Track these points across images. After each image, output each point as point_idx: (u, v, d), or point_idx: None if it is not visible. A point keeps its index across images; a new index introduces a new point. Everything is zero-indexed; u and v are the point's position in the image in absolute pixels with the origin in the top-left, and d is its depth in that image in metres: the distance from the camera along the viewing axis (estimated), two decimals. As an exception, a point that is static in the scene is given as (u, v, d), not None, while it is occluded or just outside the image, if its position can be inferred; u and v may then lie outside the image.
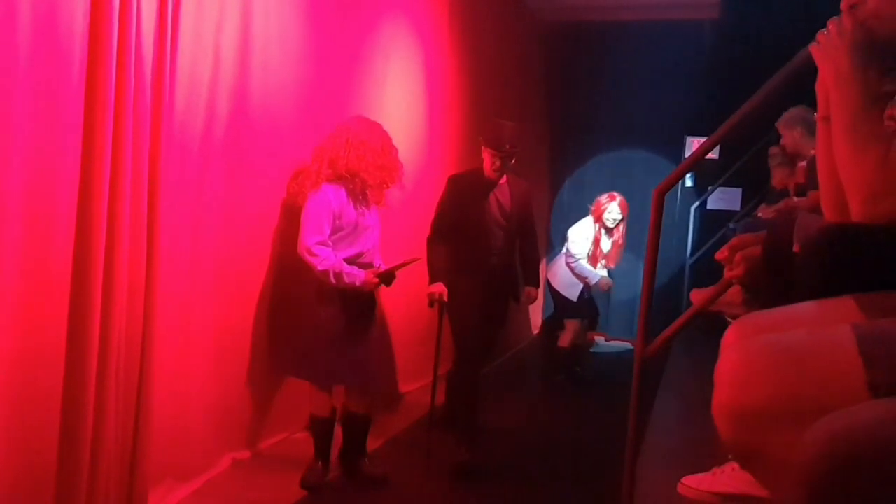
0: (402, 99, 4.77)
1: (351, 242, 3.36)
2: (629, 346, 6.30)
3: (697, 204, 7.25)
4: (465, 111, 5.74)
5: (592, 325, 5.97)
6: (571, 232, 5.72)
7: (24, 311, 2.25)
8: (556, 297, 5.74)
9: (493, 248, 3.91)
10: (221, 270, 3.26)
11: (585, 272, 5.56)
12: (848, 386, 1.01)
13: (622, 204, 5.57)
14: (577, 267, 5.57)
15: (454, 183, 3.95)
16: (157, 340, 2.71)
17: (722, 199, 7.19)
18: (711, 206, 7.24)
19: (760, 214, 4.39)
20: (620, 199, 5.58)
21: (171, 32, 2.66)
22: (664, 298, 5.00)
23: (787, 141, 4.19)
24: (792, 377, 1.05)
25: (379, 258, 3.55)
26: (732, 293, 1.97)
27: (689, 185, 7.37)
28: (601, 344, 6.80)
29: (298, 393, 3.60)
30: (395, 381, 4.22)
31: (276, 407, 3.75)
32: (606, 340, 6.87)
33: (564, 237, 5.82)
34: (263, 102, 3.42)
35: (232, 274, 3.33)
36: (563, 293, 5.65)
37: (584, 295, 5.65)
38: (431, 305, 3.83)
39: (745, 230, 2.45)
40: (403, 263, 3.46)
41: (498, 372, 5.80)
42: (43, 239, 2.30)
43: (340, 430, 3.52)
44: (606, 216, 5.56)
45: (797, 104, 4.02)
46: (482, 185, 3.87)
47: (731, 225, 5.28)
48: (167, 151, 2.68)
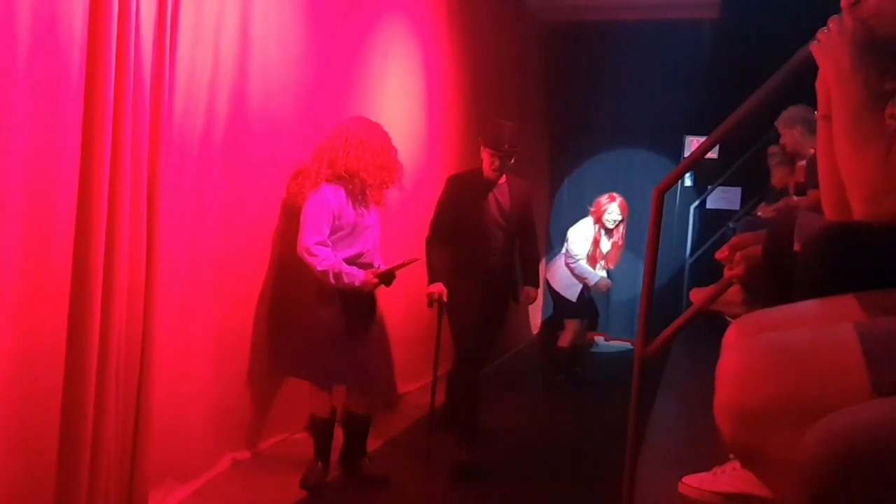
0: (401, 99, 4.76)
1: (350, 243, 3.36)
2: (629, 346, 6.29)
3: (697, 203, 7.24)
4: (464, 111, 5.74)
5: (592, 325, 5.95)
6: (571, 232, 5.71)
7: (24, 311, 2.25)
8: (555, 297, 5.73)
9: (492, 248, 3.91)
10: (221, 270, 3.26)
11: (585, 273, 5.56)
12: (850, 385, 1.00)
13: (622, 205, 5.56)
14: (576, 267, 5.57)
15: (453, 183, 3.94)
16: (157, 340, 2.71)
17: (722, 198, 7.18)
18: (711, 205, 7.23)
19: (760, 214, 4.38)
20: (620, 199, 5.57)
21: (170, 32, 2.66)
22: (664, 298, 5.00)
23: (786, 140, 4.18)
24: (794, 376, 1.04)
25: (379, 258, 3.55)
26: (732, 292, 1.97)
27: (688, 184, 7.36)
28: (601, 344, 6.78)
29: (298, 393, 3.60)
30: (393, 381, 4.22)
31: (276, 407, 3.75)
32: (606, 340, 6.85)
33: (564, 237, 5.81)
34: (263, 102, 3.42)
35: (232, 274, 3.33)
36: (562, 293, 5.64)
37: (583, 295, 5.64)
38: (431, 305, 3.82)
39: (744, 229, 2.44)
40: (403, 264, 3.46)
41: (498, 372, 5.80)
42: (43, 239, 2.30)
43: (340, 430, 3.52)
44: (606, 217, 5.55)
45: (797, 103, 4.01)
46: (481, 185, 3.87)
47: (730, 224, 5.28)
48: (167, 151, 2.68)
